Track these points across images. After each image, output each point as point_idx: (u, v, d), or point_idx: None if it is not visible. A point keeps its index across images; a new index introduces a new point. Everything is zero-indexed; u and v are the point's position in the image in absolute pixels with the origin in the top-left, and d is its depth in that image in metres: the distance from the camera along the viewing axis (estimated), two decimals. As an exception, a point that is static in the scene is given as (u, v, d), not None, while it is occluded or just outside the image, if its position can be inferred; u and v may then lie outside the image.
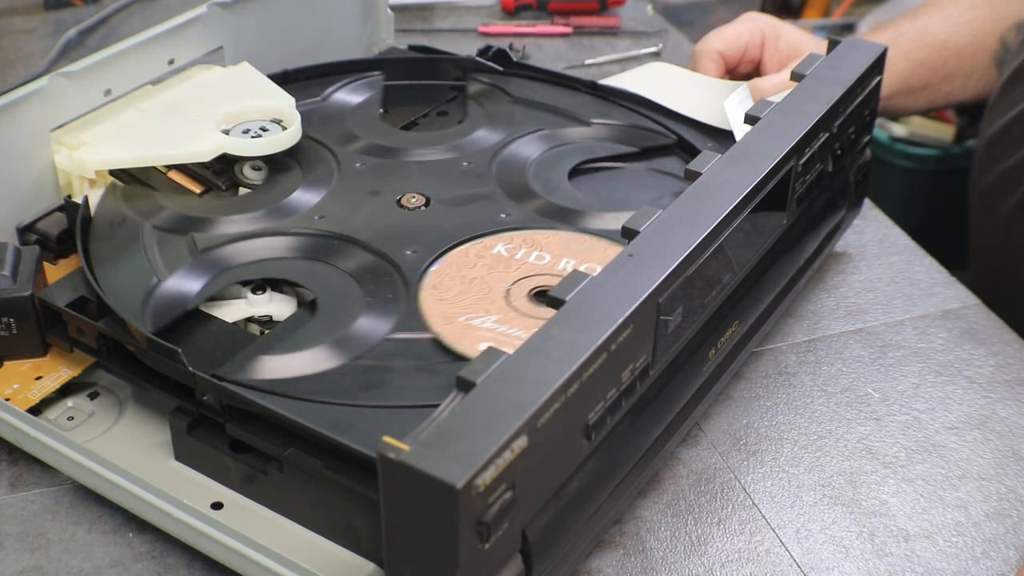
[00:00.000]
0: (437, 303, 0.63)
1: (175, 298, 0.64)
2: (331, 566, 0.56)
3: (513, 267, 0.66)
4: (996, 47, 0.97)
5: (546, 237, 0.69)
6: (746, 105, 0.77)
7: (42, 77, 0.71)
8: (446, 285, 0.65)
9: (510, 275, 0.65)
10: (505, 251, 0.67)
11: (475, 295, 0.64)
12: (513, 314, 0.62)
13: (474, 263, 0.66)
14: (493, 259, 0.66)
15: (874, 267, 0.81)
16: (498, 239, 0.68)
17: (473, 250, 0.67)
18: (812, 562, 0.60)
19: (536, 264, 0.66)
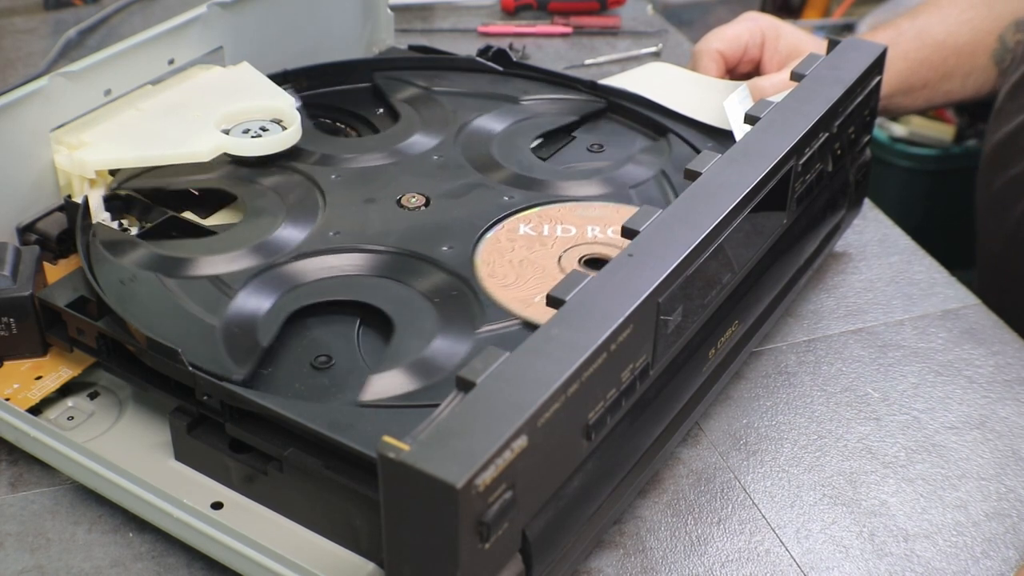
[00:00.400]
0: (505, 290, 0.64)
1: (250, 337, 0.61)
2: (331, 566, 0.56)
3: (548, 243, 0.68)
4: (995, 45, 0.97)
5: (558, 211, 0.71)
6: (746, 105, 0.77)
7: (42, 77, 0.71)
8: (501, 273, 0.66)
9: (551, 251, 0.67)
10: (531, 231, 0.69)
11: (533, 276, 0.65)
12: None
13: (511, 247, 0.68)
14: (525, 240, 0.68)
15: (874, 267, 0.81)
16: (517, 220, 0.70)
17: (502, 235, 0.69)
18: (812, 562, 0.60)
19: (568, 236, 0.68)
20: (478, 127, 0.80)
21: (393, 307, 0.63)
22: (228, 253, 0.67)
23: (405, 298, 0.64)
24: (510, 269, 0.66)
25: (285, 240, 0.68)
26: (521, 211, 0.71)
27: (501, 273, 0.66)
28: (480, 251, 0.67)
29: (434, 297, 0.64)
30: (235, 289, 0.64)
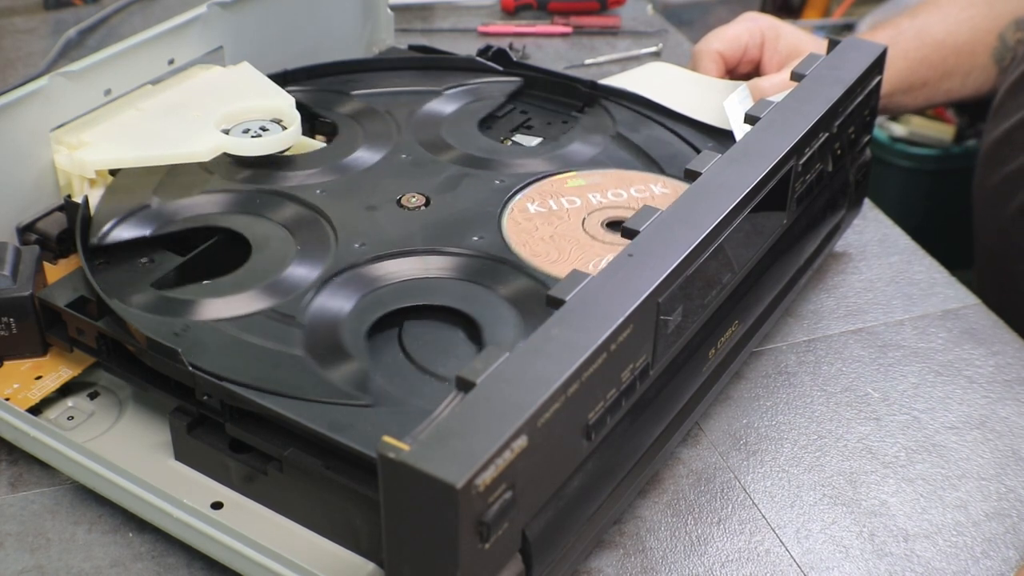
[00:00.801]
0: (554, 265, 0.66)
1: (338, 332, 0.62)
2: (331, 566, 0.56)
3: (564, 216, 0.70)
4: (995, 44, 0.97)
5: (550, 185, 0.73)
6: (746, 105, 0.77)
7: (42, 77, 0.71)
8: (542, 251, 0.67)
9: (570, 222, 0.70)
10: (540, 208, 0.71)
11: (571, 247, 0.67)
12: (610, 247, 0.67)
13: (536, 226, 0.69)
14: (542, 217, 0.70)
15: (874, 267, 0.81)
16: (522, 201, 0.71)
17: (518, 217, 0.70)
18: (812, 562, 0.60)
19: (576, 207, 0.71)
20: (423, 118, 0.81)
21: (474, 309, 0.63)
22: (246, 292, 0.64)
23: (483, 298, 0.64)
24: (548, 246, 0.67)
25: (301, 275, 0.66)
26: (518, 192, 0.72)
27: (543, 252, 0.67)
28: (508, 236, 0.68)
29: (507, 294, 0.64)
30: (296, 317, 0.62)
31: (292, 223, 0.70)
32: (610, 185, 0.73)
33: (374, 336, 0.62)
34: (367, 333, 0.62)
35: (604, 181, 0.73)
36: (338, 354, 0.60)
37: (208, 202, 0.71)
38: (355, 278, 0.65)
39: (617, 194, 0.62)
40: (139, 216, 0.70)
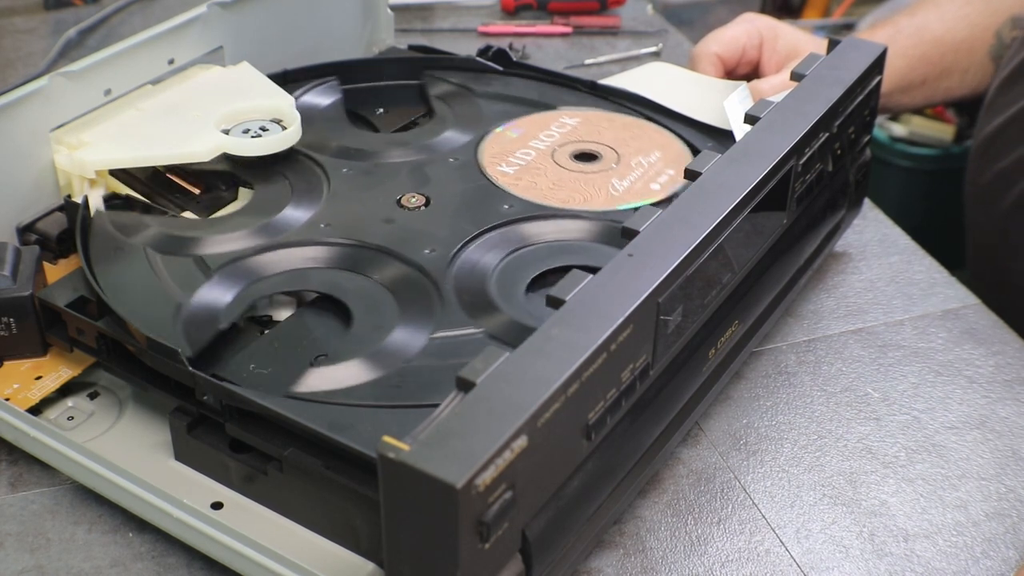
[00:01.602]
0: (556, 191, 0.73)
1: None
2: (331, 566, 0.56)
3: (531, 167, 0.76)
4: (992, 41, 0.97)
5: (510, 144, 0.78)
6: (746, 105, 0.77)
7: (42, 77, 0.71)
8: (538, 187, 0.73)
9: (549, 168, 0.75)
10: (511, 171, 0.75)
11: (563, 182, 0.74)
12: (583, 175, 0.75)
13: (519, 177, 0.74)
14: (520, 171, 0.75)
15: (874, 267, 0.81)
16: (491, 168, 0.75)
17: (502, 180, 0.74)
18: (812, 562, 0.60)
19: (533, 157, 0.76)
20: None
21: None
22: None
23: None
24: (541, 184, 0.74)
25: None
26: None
27: (539, 189, 0.73)
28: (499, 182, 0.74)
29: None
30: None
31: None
32: (536, 127, 0.80)
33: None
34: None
35: (532, 125, 0.80)
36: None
37: (273, 262, 0.67)
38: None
39: (550, 134, 0.75)
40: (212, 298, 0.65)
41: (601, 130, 0.79)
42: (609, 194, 0.73)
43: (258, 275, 0.66)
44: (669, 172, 0.75)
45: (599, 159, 0.76)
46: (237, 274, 0.65)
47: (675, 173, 0.75)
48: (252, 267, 0.66)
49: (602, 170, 0.75)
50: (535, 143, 0.78)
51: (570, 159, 0.76)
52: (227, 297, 0.64)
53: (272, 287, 0.65)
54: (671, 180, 0.74)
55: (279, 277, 0.66)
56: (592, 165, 0.76)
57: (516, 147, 0.77)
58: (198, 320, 0.62)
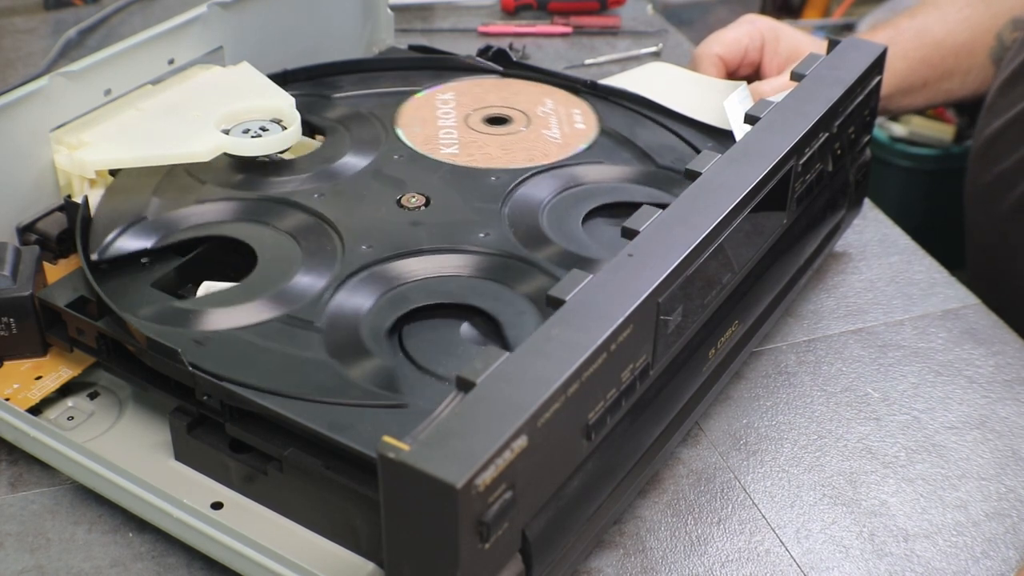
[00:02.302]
0: (512, 154, 0.75)
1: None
2: (331, 566, 0.56)
3: (467, 142, 0.77)
4: (992, 43, 0.97)
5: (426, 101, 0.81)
6: (746, 105, 0.77)
7: (42, 77, 0.71)
8: (494, 155, 0.76)
9: (483, 139, 0.78)
10: (455, 150, 0.76)
11: (509, 145, 0.77)
12: (493, 136, 0.78)
13: (469, 152, 0.76)
14: (462, 148, 0.77)
15: (874, 267, 0.81)
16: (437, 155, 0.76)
17: (460, 160, 0.76)
18: (812, 562, 0.60)
19: (459, 133, 0.78)
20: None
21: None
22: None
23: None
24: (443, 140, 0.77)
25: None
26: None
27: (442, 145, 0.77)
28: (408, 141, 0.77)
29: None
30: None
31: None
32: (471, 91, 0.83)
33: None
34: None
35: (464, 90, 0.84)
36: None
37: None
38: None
39: (446, 112, 0.79)
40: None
41: (483, 95, 0.82)
42: (557, 143, 0.76)
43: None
44: (574, 112, 0.81)
45: (512, 119, 0.80)
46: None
47: (579, 111, 0.81)
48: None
49: (526, 126, 0.79)
50: (443, 123, 0.79)
51: (488, 125, 0.79)
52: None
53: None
54: (583, 116, 0.80)
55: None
56: (513, 125, 0.79)
57: (434, 131, 0.78)
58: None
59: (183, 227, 0.69)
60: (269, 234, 0.69)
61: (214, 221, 0.70)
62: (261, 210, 0.71)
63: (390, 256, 0.66)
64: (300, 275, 0.65)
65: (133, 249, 0.67)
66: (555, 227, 0.69)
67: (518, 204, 0.71)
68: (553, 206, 0.71)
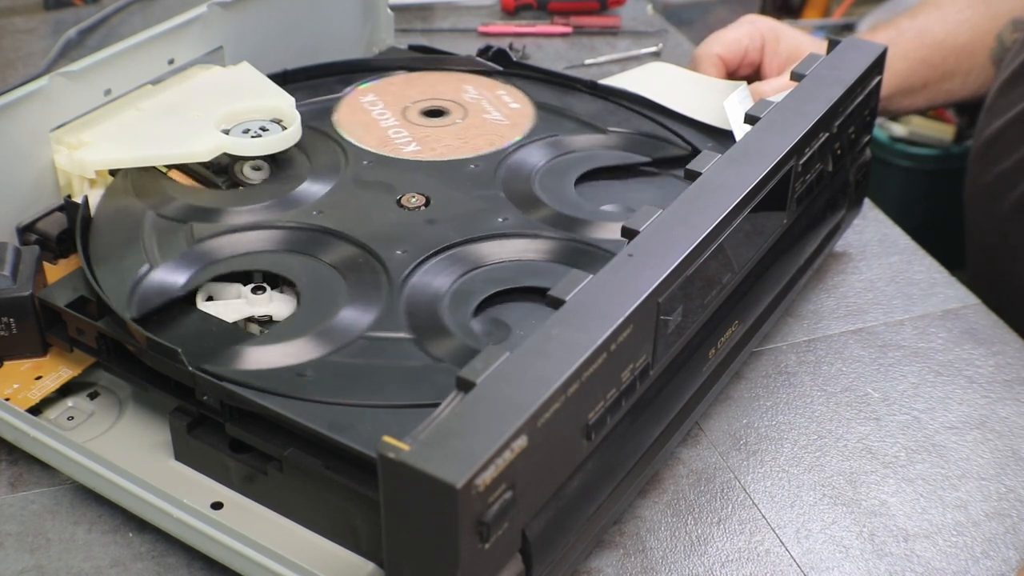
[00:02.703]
0: (470, 142, 0.77)
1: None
2: (331, 566, 0.56)
3: (422, 138, 0.78)
4: (993, 44, 0.97)
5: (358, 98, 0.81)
6: (746, 105, 0.77)
7: (42, 77, 0.71)
8: (455, 147, 0.76)
9: (434, 132, 0.79)
10: (417, 147, 0.77)
11: (463, 134, 0.78)
12: (430, 128, 0.79)
13: (431, 147, 0.77)
14: (422, 144, 0.77)
15: (874, 267, 0.81)
16: (399, 153, 0.77)
17: (426, 156, 0.76)
18: (812, 562, 0.60)
19: (408, 132, 0.79)
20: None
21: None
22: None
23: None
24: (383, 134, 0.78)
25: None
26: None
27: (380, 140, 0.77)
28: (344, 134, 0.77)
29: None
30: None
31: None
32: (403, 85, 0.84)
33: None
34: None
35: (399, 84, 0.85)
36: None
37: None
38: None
39: (380, 113, 0.80)
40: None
41: (404, 91, 0.83)
42: (507, 124, 0.79)
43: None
44: (500, 93, 0.83)
45: (448, 110, 0.81)
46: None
47: (504, 92, 0.83)
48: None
49: (464, 115, 0.80)
50: (386, 123, 0.79)
51: (429, 118, 0.80)
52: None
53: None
54: (512, 96, 0.82)
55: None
56: (452, 115, 0.80)
57: (382, 132, 0.78)
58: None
59: (217, 259, 0.67)
60: (299, 262, 0.67)
61: (246, 253, 0.68)
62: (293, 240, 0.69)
63: (425, 257, 0.66)
64: (349, 300, 0.64)
65: (174, 295, 0.64)
66: (549, 193, 0.73)
67: (512, 185, 0.73)
68: (543, 175, 0.75)
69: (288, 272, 0.66)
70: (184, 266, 0.66)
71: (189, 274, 0.65)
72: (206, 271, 0.66)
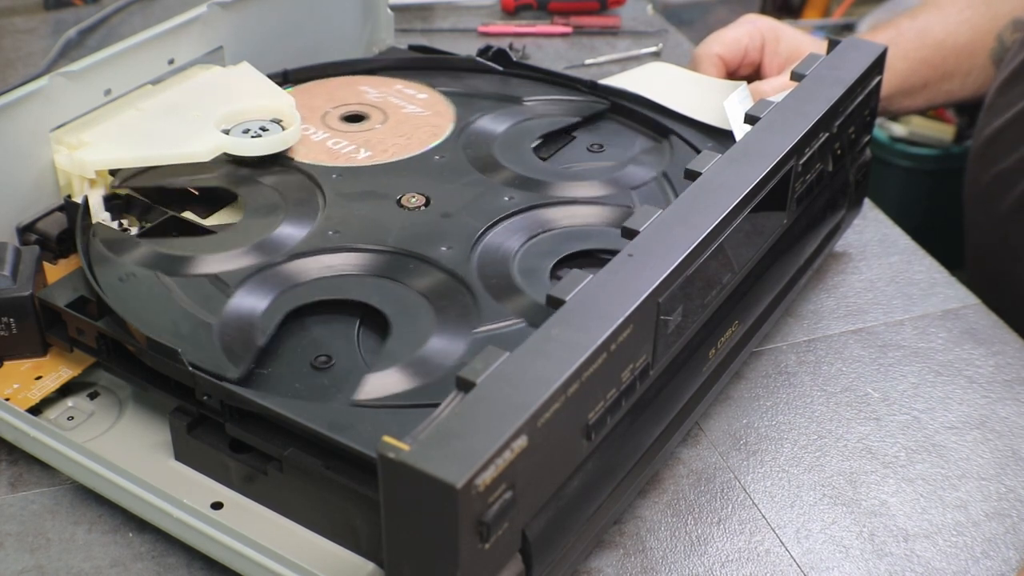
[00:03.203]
0: (410, 142, 0.77)
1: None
2: (331, 566, 0.56)
3: (367, 142, 0.78)
4: (993, 44, 0.97)
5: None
6: (746, 105, 0.77)
7: (42, 77, 0.71)
8: (391, 149, 0.76)
9: (368, 137, 0.78)
10: (368, 152, 0.77)
11: (402, 131, 0.78)
12: (351, 134, 0.79)
13: (372, 153, 0.77)
14: (369, 150, 0.77)
15: (874, 267, 0.81)
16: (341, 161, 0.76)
17: (372, 159, 0.76)
18: (812, 562, 0.60)
19: (345, 141, 0.78)
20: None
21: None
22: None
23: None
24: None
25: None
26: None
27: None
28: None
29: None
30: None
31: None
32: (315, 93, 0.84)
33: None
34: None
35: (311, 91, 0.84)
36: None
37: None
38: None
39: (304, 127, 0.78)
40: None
41: (309, 102, 0.82)
42: (432, 114, 0.80)
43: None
44: (398, 87, 0.84)
45: (366, 114, 0.81)
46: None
47: (401, 85, 0.84)
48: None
49: (384, 114, 0.81)
50: (318, 136, 0.78)
51: (354, 124, 0.80)
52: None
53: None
54: (410, 88, 0.84)
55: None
56: (373, 118, 0.80)
57: (320, 145, 0.77)
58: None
59: (297, 286, 0.65)
60: (383, 287, 0.65)
61: (326, 279, 0.66)
62: (369, 265, 0.67)
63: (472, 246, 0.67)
64: (437, 325, 0.62)
65: (270, 335, 0.61)
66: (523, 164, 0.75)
67: (495, 165, 0.76)
68: (506, 146, 0.78)
69: (380, 305, 0.63)
70: (259, 306, 0.63)
71: (264, 311, 0.63)
72: (283, 300, 0.63)
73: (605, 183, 0.74)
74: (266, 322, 0.62)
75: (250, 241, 0.68)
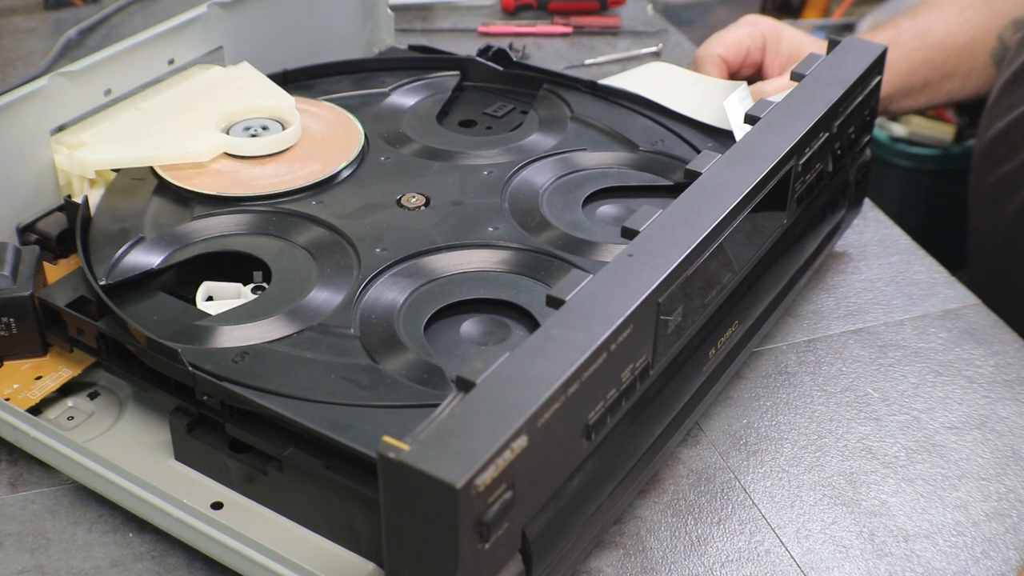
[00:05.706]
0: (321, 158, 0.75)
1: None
2: (331, 566, 0.56)
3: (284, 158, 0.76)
4: (994, 44, 0.97)
5: None
6: (746, 105, 0.77)
7: (42, 77, 0.71)
8: (297, 173, 0.74)
9: (275, 160, 0.75)
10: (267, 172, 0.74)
11: (310, 146, 0.76)
12: None
13: (275, 172, 0.74)
14: (280, 168, 0.74)
15: (874, 267, 0.81)
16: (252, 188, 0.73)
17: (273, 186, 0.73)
18: (812, 562, 0.60)
19: (237, 165, 0.74)
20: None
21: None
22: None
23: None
24: None
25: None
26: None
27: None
28: None
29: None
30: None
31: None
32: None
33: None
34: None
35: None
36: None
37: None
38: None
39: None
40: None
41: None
42: (333, 115, 0.80)
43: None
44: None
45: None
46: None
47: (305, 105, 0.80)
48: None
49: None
50: (226, 166, 0.74)
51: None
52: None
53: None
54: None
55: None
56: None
57: (242, 172, 0.73)
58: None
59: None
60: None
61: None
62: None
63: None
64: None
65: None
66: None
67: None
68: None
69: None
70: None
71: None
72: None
73: None
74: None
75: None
